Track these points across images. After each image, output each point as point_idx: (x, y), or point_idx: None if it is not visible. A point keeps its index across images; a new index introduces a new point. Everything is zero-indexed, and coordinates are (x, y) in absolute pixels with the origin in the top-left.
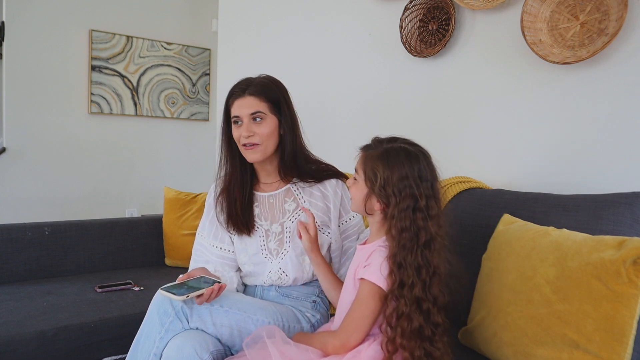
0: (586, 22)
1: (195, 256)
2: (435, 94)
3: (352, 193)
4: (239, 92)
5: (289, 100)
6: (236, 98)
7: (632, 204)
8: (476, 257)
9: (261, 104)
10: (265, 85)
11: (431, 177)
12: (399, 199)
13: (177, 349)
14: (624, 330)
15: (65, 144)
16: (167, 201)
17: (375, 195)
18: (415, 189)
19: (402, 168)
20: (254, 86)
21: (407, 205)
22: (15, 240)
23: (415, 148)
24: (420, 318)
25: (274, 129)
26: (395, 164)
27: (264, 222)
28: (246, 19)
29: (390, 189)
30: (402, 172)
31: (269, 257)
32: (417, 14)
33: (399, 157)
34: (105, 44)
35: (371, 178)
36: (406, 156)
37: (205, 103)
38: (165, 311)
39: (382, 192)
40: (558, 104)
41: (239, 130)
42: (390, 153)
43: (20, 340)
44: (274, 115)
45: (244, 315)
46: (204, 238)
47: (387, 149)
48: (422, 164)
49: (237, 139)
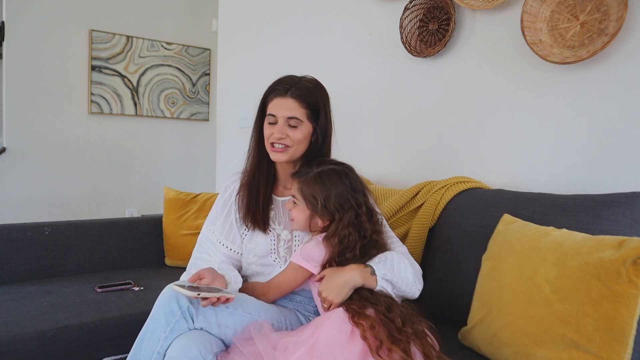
0: (586, 22)
1: (198, 247)
2: (435, 94)
3: (294, 215)
4: (281, 90)
5: (328, 108)
6: (276, 96)
7: (632, 204)
8: (476, 257)
9: (300, 110)
10: (309, 91)
11: (361, 187)
12: (342, 213)
13: (181, 349)
14: (624, 330)
15: (65, 144)
16: (167, 201)
17: (318, 215)
18: (353, 200)
19: (336, 186)
20: (298, 89)
21: (350, 215)
22: (15, 240)
23: (342, 166)
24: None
25: (307, 135)
26: (330, 183)
27: (277, 226)
28: (246, 19)
29: (332, 206)
30: (337, 190)
31: (278, 261)
32: (417, 14)
33: (332, 177)
34: (105, 44)
35: (312, 201)
36: (337, 175)
37: (205, 103)
38: (171, 310)
39: (325, 211)
40: (558, 104)
41: (271, 128)
42: (322, 175)
43: (20, 340)
44: (310, 122)
45: (249, 316)
46: (213, 234)
47: (319, 172)
48: (351, 178)
49: (267, 136)
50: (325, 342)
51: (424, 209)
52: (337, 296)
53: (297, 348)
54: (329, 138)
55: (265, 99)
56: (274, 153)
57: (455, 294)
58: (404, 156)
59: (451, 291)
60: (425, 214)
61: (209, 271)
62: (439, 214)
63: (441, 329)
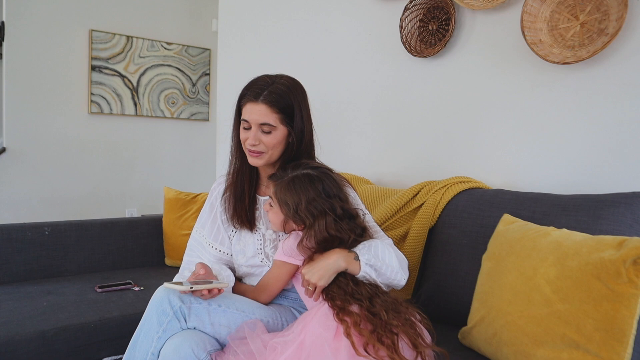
0: (586, 22)
1: (189, 251)
2: (435, 94)
3: (270, 217)
4: (252, 95)
5: (305, 108)
6: (248, 101)
7: (632, 204)
8: (476, 257)
9: (272, 115)
10: (282, 94)
11: (336, 191)
12: (312, 219)
13: (174, 348)
14: (624, 330)
15: (65, 144)
16: (167, 201)
17: (291, 220)
18: (327, 205)
19: (307, 192)
20: (270, 93)
21: (322, 220)
22: (15, 240)
23: (317, 171)
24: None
25: (282, 139)
26: (301, 190)
27: (262, 226)
28: (246, 19)
29: (303, 212)
30: (308, 196)
31: (265, 261)
32: (417, 14)
33: (304, 183)
34: (105, 44)
35: (284, 206)
36: (309, 181)
37: (205, 103)
38: (163, 311)
39: (297, 217)
40: (558, 104)
41: (246, 133)
42: (294, 181)
43: (20, 340)
44: (284, 125)
45: (243, 314)
46: (203, 237)
47: (292, 177)
48: (325, 182)
49: (242, 140)
50: (312, 340)
51: (423, 209)
52: (320, 279)
53: (285, 348)
54: (309, 137)
55: (239, 102)
56: (250, 157)
57: (455, 294)
58: (404, 156)
59: (451, 291)
60: (425, 214)
61: (204, 266)
62: (439, 214)
63: (441, 329)
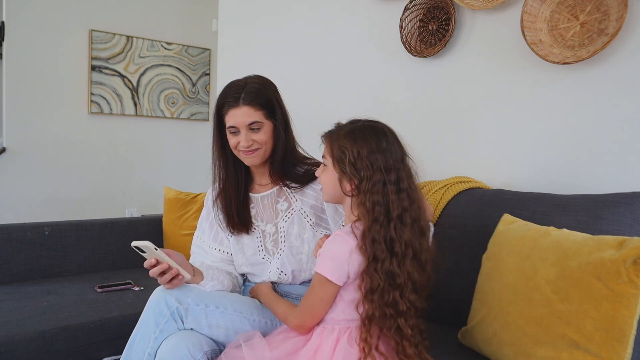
0: (586, 22)
1: (192, 257)
2: (435, 94)
3: (322, 181)
4: (232, 101)
5: (280, 100)
6: (230, 107)
7: (632, 204)
8: (476, 257)
9: (256, 113)
10: (259, 92)
11: (400, 151)
12: (370, 173)
13: (171, 348)
14: (624, 330)
15: (65, 144)
16: (167, 201)
17: (346, 176)
18: (384, 161)
19: (369, 143)
20: (247, 93)
21: (378, 178)
22: (15, 240)
23: (380, 124)
24: (395, 292)
25: (270, 134)
26: (362, 140)
27: (260, 222)
28: (246, 19)
29: (360, 164)
30: (370, 147)
31: (267, 257)
32: (417, 14)
33: (365, 134)
34: (105, 44)
35: (340, 158)
36: (372, 131)
37: (205, 103)
38: (160, 311)
39: (353, 170)
40: (558, 104)
41: (236, 138)
42: (355, 131)
43: (20, 340)
44: (269, 120)
45: (240, 315)
46: (203, 241)
47: (352, 128)
48: (389, 138)
49: (233, 146)
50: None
51: None
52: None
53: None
54: (290, 127)
55: (220, 113)
56: (247, 158)
57: (455, 294)
58: None
59: (451, 291)
60: None
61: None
62: (439, 214)
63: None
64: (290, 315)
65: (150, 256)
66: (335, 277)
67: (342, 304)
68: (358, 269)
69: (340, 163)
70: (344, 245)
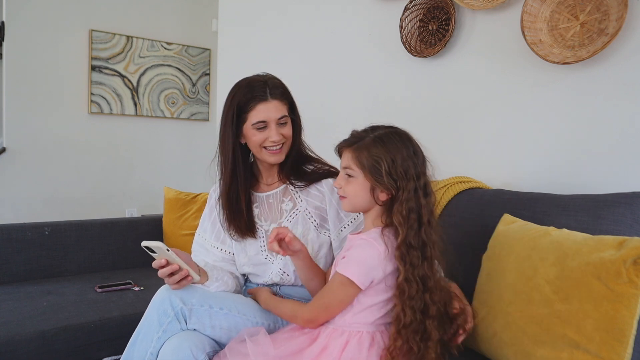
0: (586, 22)
1: (193, 255)
2: (435, 94)
3: (350, 191)
4: (261, 95)
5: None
6: (259, 102)
7: (632, 204)
8: (476, 257)
9: (284, 107)
10: (282, 87)
11: (422, 155)
12: (405, 182)
13: (173, 349)
14: (624, 330)
15: (65, 144)
16: (167, 201)
17: (382, 186)
18: (414, 168)
19: (400, 150)
20: (274, 88)
21: (412, 186)
22: (15, 240)
23: (400, 129)
24: (425, 296)
25: (291, 129)
26: (393, 147)
27: (263, 222)
28: (246, 19)
29: (396, 173)
30: (402, 154)
31: (269, 257)
32: (417, 14)
33: (394, 140)
34: (105, 44)
35: (374, 167)
36: (399, 138)
37: (205, 103)
38: (164, 311)
39: (390, 179)
40: (558, 104)
41: (263, 134)
42: (383, 138)
43: (20, 340)
44: (291, 115)
45: (244, 317)
46: (205, 240)
47: (379, 135)
48: (413, 142)
49: (259, 142)
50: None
51: None
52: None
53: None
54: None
55: (245, 108)
56: (272, 156)
57: None
58: None
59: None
60: None
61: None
62: (439, 214)
63: None
64: (300, 310)
65: (161, 257)
66: (361, 281)
67: (357, 308)
68: (384, 275)
69: (376, 173)
70: (372, 250)
